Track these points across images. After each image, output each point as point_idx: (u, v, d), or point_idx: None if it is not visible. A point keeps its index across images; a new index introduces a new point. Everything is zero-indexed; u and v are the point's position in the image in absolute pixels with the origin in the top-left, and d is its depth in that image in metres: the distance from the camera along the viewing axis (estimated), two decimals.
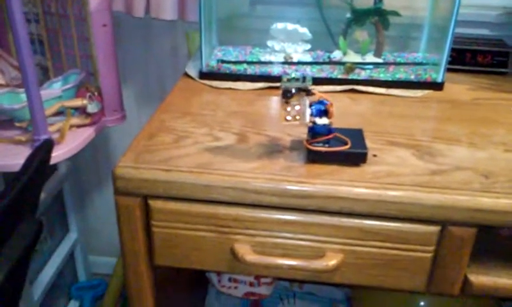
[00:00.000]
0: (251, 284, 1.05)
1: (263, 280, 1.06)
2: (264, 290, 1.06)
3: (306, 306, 1.21)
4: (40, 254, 1.23)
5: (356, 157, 0.60)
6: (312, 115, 0.59)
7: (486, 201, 0.55)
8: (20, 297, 0.68)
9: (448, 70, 0.84)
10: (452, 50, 0.83)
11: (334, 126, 0.60)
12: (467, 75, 0.94)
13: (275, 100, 0.81)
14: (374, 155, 0.63)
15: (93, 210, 1.49)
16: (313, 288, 1.24)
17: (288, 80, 0.58)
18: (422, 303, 1.07)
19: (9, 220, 0.60)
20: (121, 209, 0.61)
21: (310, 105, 0.58)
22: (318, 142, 0.59)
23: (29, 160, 0.63)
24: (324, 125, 0.59)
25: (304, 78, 0.57)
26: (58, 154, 0.89)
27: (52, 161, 0.88)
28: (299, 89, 0.58)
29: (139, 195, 0.60)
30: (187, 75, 0.90)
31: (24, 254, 0.60)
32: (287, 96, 0.58)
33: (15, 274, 0.59)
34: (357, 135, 0.62)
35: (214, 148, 0.64)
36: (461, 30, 0.97)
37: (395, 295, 1.09)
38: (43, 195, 1.13)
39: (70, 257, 1.38)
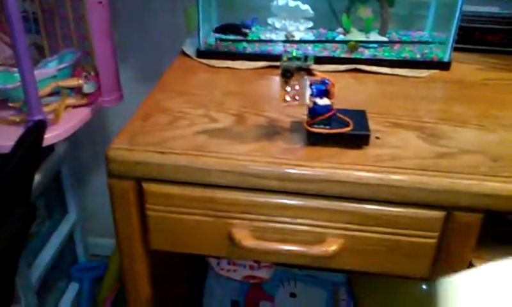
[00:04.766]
0: (251, 268, 1.04)
1: (263, 263, 1.04)
2: (264, 274, 1.05)
3: (307, 288, 1.19)
4: (38, 236, 1.22)
5: (358, 139, 0.57)
6: (312, 95, 0.56)
7: (494, 186, 0.53)
8: (13, 284, 0.66)
9: (456, 49, 0.81)
10: (460, 28, 0.79)
11: (336, 107, 0.58)
12: (475, 54, 0.90)
13: (275, 80, 0.78)
14: (377, 138, 0.60)
15: (92, 192, 1.47)
16: (313, 269, 1.23)
17: (289, 59, 0.55)
18: (424, 286, 1.05)
19: None
20: (115, 192, 0.59)
21: (311, 85, 0.55)
22: (318, 124, 0.57)
23: (19, 143, 0.61)
24: (325, 105, 0.56)
25: (306, 58, 0.54)
26: (54, 135, 0.87)
27: (48, 142, 0.86)
28: (299, 69, 0.55)
29: (132, 178, 0.58)
30: (184, 53, 0.87)
31: (14, 241, 0.58)
32: (286, 75, 0.55)
33: (5, 261, 0.57)
34: (360, 117, 0.59)
35: (210, 130, 0.62)
36: (469, 8, 0.94)
37: (395, 278, 1.07)
38: (40, 176, 1.12)
39: (69, 239, 1.36)
